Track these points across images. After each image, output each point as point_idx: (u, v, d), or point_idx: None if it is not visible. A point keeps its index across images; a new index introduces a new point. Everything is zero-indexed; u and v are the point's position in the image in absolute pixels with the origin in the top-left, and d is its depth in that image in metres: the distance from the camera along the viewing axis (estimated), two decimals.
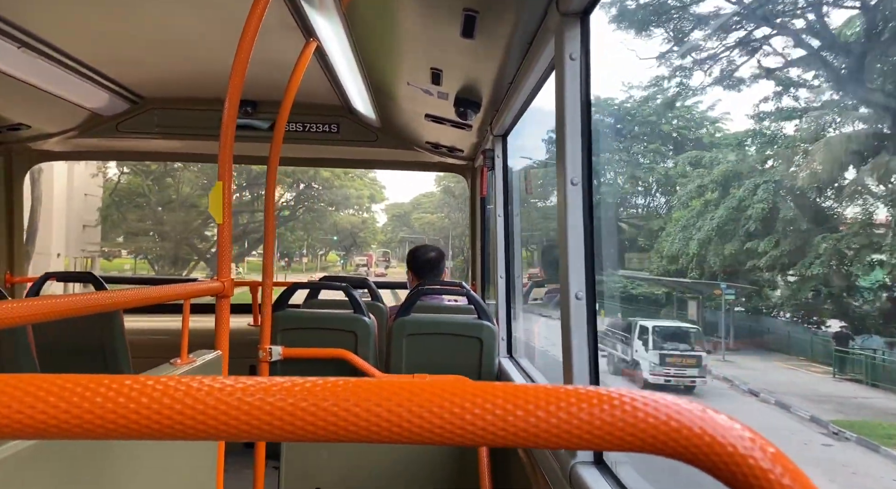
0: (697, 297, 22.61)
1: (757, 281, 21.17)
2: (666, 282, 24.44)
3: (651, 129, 29.27)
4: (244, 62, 1.96)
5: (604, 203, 28.65)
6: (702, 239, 21.95)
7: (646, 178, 30.02)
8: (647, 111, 29.35)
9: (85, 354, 3.11)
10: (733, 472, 0.41)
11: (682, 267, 23.26)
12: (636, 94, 30.46)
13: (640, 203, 31.43)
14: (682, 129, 29.04)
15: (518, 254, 3.62)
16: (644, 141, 29.60)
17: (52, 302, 1.24)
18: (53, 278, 3.43)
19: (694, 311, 22.42)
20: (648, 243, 27.79)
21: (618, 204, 30.37)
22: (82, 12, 2.52)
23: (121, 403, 0.41)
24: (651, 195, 30.79)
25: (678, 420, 0.43)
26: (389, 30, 2.52)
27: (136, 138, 3.95)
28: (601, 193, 28.67)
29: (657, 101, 29.41)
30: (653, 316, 22.87)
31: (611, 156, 30.23)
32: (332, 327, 2.99)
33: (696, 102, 28.69)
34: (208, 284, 1.97)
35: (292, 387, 0.42)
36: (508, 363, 3.16)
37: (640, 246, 28.68)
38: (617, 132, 30.94)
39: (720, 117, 28.65)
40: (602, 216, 28.11)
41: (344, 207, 40.87)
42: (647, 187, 30.49)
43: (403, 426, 0.42)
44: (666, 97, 29.16)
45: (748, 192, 20.81)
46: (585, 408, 0.43)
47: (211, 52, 2.97)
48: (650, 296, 25.74)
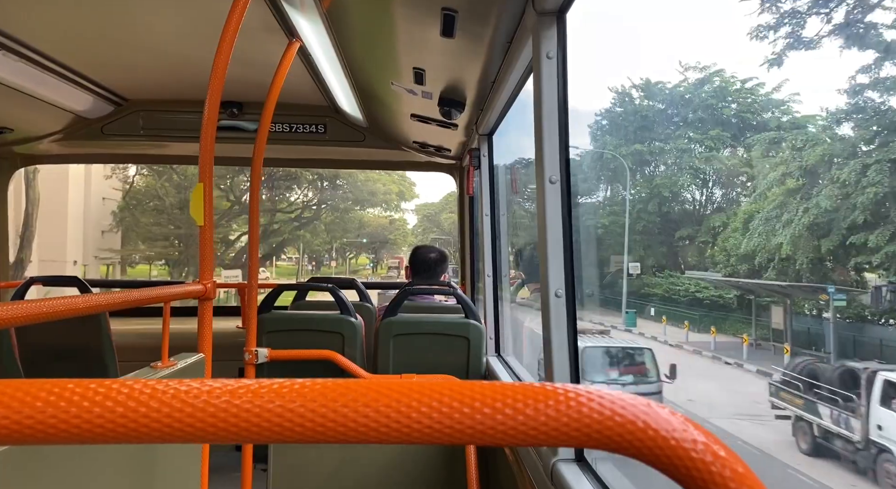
0: (783, 302, 18.51)
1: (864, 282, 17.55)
2: (743, 285, 21.13)
3: (710, 115, 26.56)
4: (225, 63, 1.95)
5: (657, 196, 27.04)
6: (792, 234, 18.31)
7: (702, 168, 27.28)
8: (704, 94, 26.83)
9: (71, 358, 3.09)
10: (679, 468, 0.42)
11: (757, 266, 20.34)
12: (692, 76, 27.73)
13: (694, 197, 28.56)
14: (746, 112, 26.00)
15: (505, 253, 3.63)
16: (701, 127, 26.87)
17: (32, 305, 1.24)
18: (38, 283, 3.41)
19: (779, 319, 18.43)
20: (707, 240, 25.45)
21: (669, 198, 27.70)
22: (62, 14, 2.51)
23: (108, 407, 0.41)
24: (709, 187, 28.09)
25: (622, 414, 0.43)
26: (371, 30, 2.52)
27: (121, 141, 3.93)
28: (654, 185, 27.23)
29: (715, 84, 26.68)
30: (722, 322, 20.80)
31: (661, 145, 27.56)
32: (319, 328, 2.98)
33: (758, 84, 25.96)
34: (190, 287, 1.96)
35: (280, 388, 0.42)
36: (496, 361, 3.17)
37: (699, 244, 26.21)
38: (667, 119, 28.44)
39: (788, 99, 25.48)
40: (653, 210, 26.90)
41: (370, 205, 38.22)
42: (703, 179, 27.74)
43: (391, 426, 0.42)
44: (726, 79, 26.25)
45: (854, 175, 16.85)
46: (531, 404, 0.44)
47: (195, 54, 2.96)
48: (717, 300, 23.10)
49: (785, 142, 21.81)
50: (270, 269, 38.26)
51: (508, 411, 0.43)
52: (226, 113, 3.80)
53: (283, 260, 41.62)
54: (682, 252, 27.57)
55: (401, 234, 43.08)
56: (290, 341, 2.91)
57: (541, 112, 1.62)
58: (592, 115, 29.94)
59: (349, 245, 42.03)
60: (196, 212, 1.96)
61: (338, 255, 43.68)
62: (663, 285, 25.32)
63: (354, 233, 39.88)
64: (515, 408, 0.43)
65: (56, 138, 3.89)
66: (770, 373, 14.61)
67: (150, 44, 2.87)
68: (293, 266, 42.20)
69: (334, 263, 43.53)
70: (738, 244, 21.90)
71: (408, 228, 45.15)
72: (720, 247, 23.83)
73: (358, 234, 40.33)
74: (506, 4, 1.80)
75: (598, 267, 26.93)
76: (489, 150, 3.46)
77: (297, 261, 41.99)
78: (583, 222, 27.28)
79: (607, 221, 28.03)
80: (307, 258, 41.31)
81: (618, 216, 27.84)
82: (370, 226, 41.33)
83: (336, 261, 43.78)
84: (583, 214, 28.01)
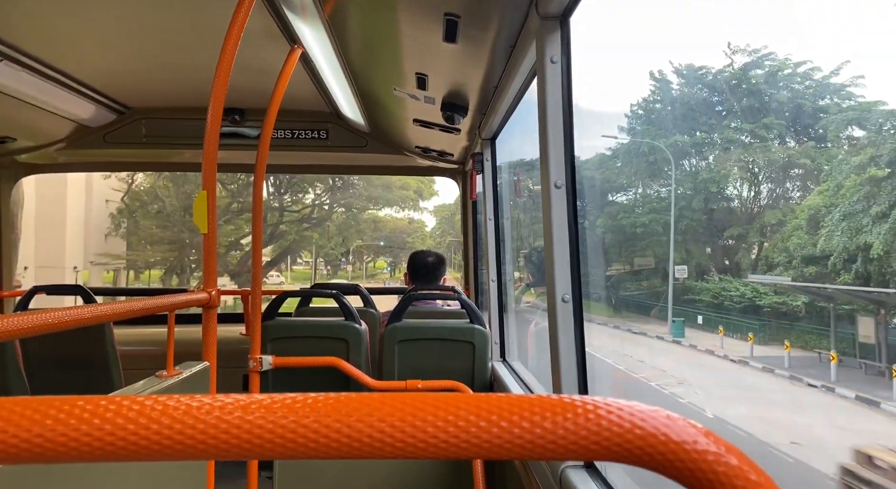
0: (876, 312, 14.93)
1: None
2: (819, 291, 17.71)
3: (761, 101, 23.46)
4: (227, 70, 1.95)
5: (702, 192, 24.20)
6: (886, 231, 15.17)
7: (754, 159, 23.98)
8: (755, 79, 23.76)
9: (75, 367, 3.09)
10: (701, 481, 0.41)
11: (830, 269, 17.10)
12: (739, 60, 24.29)
13: (744, 193, 25.13)
14: (803, 98, 22.86)
15: (509, 257, 3.62)
16: (751, 115, 23.63)
17: (37, 316, 1.23)
18: (42, 292, 3.41)
19: (870, 331, 14.88)
20: (759, 240, 22.97)
21: (715, 194, 24.73)
22: (64, 23, 2.51)
23: (119, 424, 0.40)
24: (762, 180, 24.60)
25: (641, 427, 0.42)
26: (373, 35, 2.52)
27: (124, 149, 3.93)
28: (700, 180, 24.52)
29: (767, 68, 23.55)
30: (787, 334, 17.69)
31: (704, 136, 24.73)
32: (324, 335, 2.97)
33: (813, 69, 22.63)
34: (194, 295, 1.96)
35: (293, 403, 0.42)
36: (501, 367, 3.16)
37: (752, 244, 23.50)
38: (710, 108, 25.29)
39: (850, 83, 22.05)
40: (698, 207, 24.11)
41: (385, 203, 34.77)
42: (755, 171, 24.36)
43: (407, 441, 0.41)
44: (780, 62, 23.01)
45: None
46: (549, 417, 0.43)
47: (197, 61, 2.96)
48: (780, 308, 19.73)
49: (869, 122, 18.55)
50: (286, 274, 37.29)
51: (525, 424, 0.43)
52: (228, 120, 3.80)
53: (299, 264, 40.60)
54: (732, 253, 24.38)
55: (419, 236, 40.69)
56: (295, 348, 2.90)
57: (545, 116, 1.61)
58: (627, 104, 27.74)
59: (366, 248, 40.07)
60: (199, 220, 1.96)
61: (355, 259, 41.79)
62: (711, 290, 22.50)
63: (370, 235, 37.95)
64: (532, 422, 0.43)
65: (59, 147, 3.89)
66: (876, 402, 11.90)
67: (153, 52, 2.87)
68: (310, 270, 40.83)
69: (350, 267, 41.57)
70: (804, 243, 18.81)
71: (426, 231, 42.94)
72: (779, 248, 20.92)
73: (374, 236, 38.35)
74: (509, 9, 1.80)
75: (637, 270, 25.44)
76: (492, 155, 3.46)
77: (313, 265, 40.72)
78: (618, 221, 26.08)
79: (647, 220, 25.09)
80: (323, 262, 40.10)
81: (658, 214, 25.06)
82: (387, 228, 39.48)
83: (353, 266, 41.88)
84: (618, 212, 26.47)
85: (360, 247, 39.04)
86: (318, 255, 38.19)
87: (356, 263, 42.22)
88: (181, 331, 2.77)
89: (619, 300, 25.85)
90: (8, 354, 2.57)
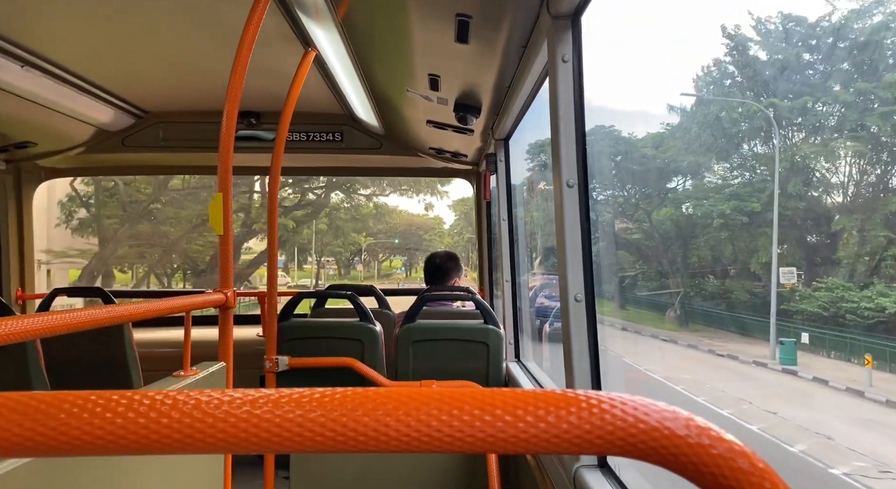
0: None
1: None
2: None
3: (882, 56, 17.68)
4: (242, 73, 1.97)
5: (802, 172, 18.61)
6: None
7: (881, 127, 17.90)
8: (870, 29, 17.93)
9: (95, 367, 3.13)
10: (706, 475, 0.41)
11: None
12: (845, 6, 18.75)
13: (863, 172, 18.81)
14: None
15: (523, 258, 3.61)
16: (868, 73, 17.79)
17: (58, 317, 1.26)
18: (63, 294, 3.46)
19: None
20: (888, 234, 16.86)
21: (819, 176, 19.09)
22: (84, 29, 2.55)
23: (130, 418, 0.41)
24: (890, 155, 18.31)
25: (645, 421, 0.42)
26: (385, 37, 2.53)
27: (142, 152, 3.99)
28: (801, 155, 18.70)
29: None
30: None
31: (791, 104, 18.61)
32: (339, 336, 2.99)
33: None
34: (211, 296, 1.98)
35: (300, 398, 0.43)
36: (516, 367, 3.15)
37: (875, 247, 17.35)
38: (808, 66, 19.54)
39: None
40: (795, 192, 18.34)
41: (393, 187, 29.85)
42: (881, 144, 18.13)
43: (412, 435, 0.42)
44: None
45: None
46: (553, 411, 0.43)
47: (213, 65, 2.99)
48: None
49: None
50: (292, 274, 34.48)
51: (530, 419, 0.43)
52: (244, 123, 3.84)
53: (310, 263, 37.03)
54: (850, 251, 17.85)
55: (437, 233, 37.04)
56: (310, 349, 2.92)
57: (557, 116, 1.61)
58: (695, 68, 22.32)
59: (379, 247, 36.52)
60: (215, 221, 1.98)
61: (369, 258, 38.06)
62: (820, 299, 16.33)
63: (383, 232, 34.41)
64: (537, 416, 0.43)
65: (79, 151, 3.96)
66: None
67: (170, 56, 2.91)
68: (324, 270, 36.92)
69: (361, 267, 37.52)
70: None
71: (444, 228, 39.11)
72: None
73: (383, 231, 34.79)
74: (520, 9, 1.80)
75: (715, 271, 20.51)
76: (506, 155, 3.45)
77: (321, 265, 36.36)
78: (687, 210, 21.15)
79: (727, 208, 19.57)
80: (334, 262, 36.48)
81: (743, 200, 19.67)
82: (401, 224, 35.93)
83: (365, 265, 37.76)
84: (687, 198, 21.60)
85: (372, 245, 35.82)
86: (324, 254, 34.81)
87: (371, 262, 38.82)
88: (200, 333, 2.81)
89: (687, 309, 20.14)
90: (30, 355, 2.62)
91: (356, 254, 36.64)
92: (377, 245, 37.04)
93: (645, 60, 34.37)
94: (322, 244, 33.29)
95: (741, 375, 13.48)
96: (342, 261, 36.90)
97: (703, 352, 15.77)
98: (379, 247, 37.53)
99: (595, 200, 13.88)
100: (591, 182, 1.66)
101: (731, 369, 14.07)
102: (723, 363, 14.61)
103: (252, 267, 27.38)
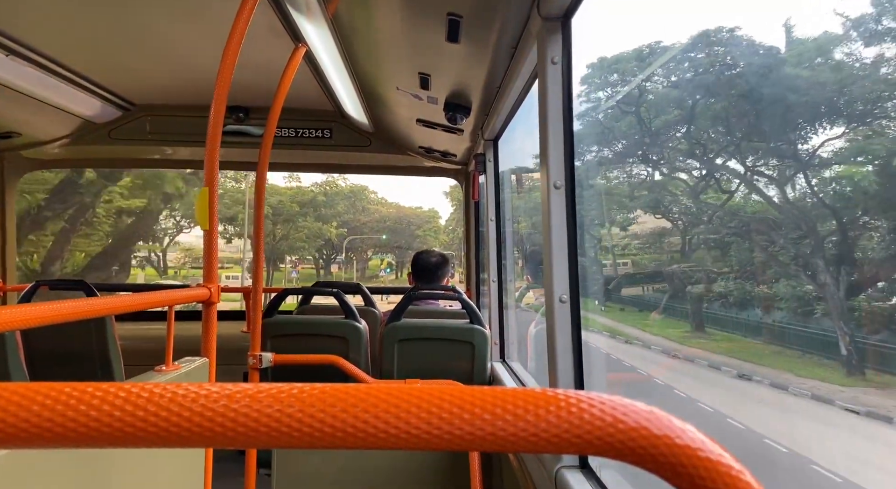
0: None
1: None
2: None
3: None
4: (231, 67, 1.96)
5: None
6: None
7: None
8: None
9: (77, 362, 3.10)
10: (683, 475, 0.41)
11: None
12: None
13: None
14: None
15: (510, 258, 3.62)
16: None
17: (38, 308, 1.24)
18: (45, 286, 3.42)
19: None
20: None
21: None
22: (71, 19, 2.53)
23: (104, 411, 0.41)
24: None
25: (624, 421, 0.43)
26: (376, 35, 2.53)
27: (128, 145, 3.95)
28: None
29: None
30: None
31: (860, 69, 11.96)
32: (324, 333, 2.98)
33: None
34: (194, 291, 1.97)
35: (278, 393, 0.42)
36: (501, 367, 3.16)
37: None
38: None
39: None
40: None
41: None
42: None
43: (390, 432, 0.42)
44: None
45: None
46: (532, 410, 0.43)
47: (202, 59, 2.97)
48: None
49: None
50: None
51: (509, 417, 0.43)
52: (232, 117, 3.81)
53: (288, 262, 33.44)
54: None
55: (431, 229, 32.12)
56: (295, 346, 2.91)
57: (545, 117, 1.62)
58: None
59: (364, 242, 30.82)
60: (201, 216, 1.97)
61: (353, 256, 32.69)
62: None
63: (370, 226, 28.83)
64: (516, 415, 0.43)
65: (64, 142, 3.91)
66: None
67: (158, 49, 2.89)
68: (310, 270, 31.83)
69: (337, 268, 32.30)
70: None
71: (440, 224, 34.38)
72: None
73: (372, 225, 29.41)
74: (511, 10, 1.80)
75: (833, 270, 11.43)
76: (495, 156, 3.46)
77: (294, 264, 31.52)
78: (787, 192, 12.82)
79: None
80: (320, 260, 31.44)
81: None
82: (390, 217, 30.54)
83: (342, 266, 32.31)
84: (784, 170, 13.21)
85: (356, 241, 30.81)
86: (281, 250, 29.76)
87: (355, 261, 33.56)
88: (185, 328, 2.79)
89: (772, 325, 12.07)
90: (9, 347, 2.59)
91: (322, 249, 32.07)
92: (361, 240, 32.07)
93: None
94: (275, 240, 27.35)
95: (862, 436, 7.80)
96: (321, 261, 32.44)
97: (807, 400, 9.16)
98: (363, 243, 32.67)
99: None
100: None
101: (830, 422, 8.35)
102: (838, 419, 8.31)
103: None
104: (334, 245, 31.18)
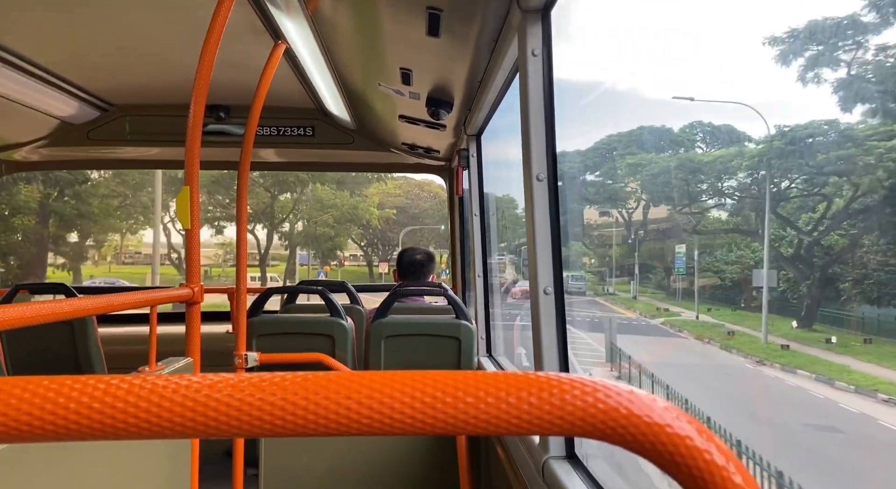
0: None
1: None
2: None
3: None
4: (209, 65, 1.94)
5: None
6: None
7: None
8: None
9: (58, 363, 3.07)
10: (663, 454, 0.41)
11: None
12: None
13: None
14: None
15: (495, 253, 3.63)
16: None
17: (18, 309, 1.22)
18: (25, 290, 3.38)
19: None
20: None
21: None
22: (46, 18, 2.49)
23: (83, 403, 0.40)
24: None
25: (605, 402, 0.43)
26: (357, 30, 2.51)
27: (108, 146, 3.90)
28: None
29: None
30: None
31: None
32: (309, 331, 2.97)
33: None
34: (177, 291, 1.95)
35: (260, 382, 0.42)
36: (487, 362, 3.17)
37: None
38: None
39: None
40: None
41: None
42: None
43: (373, 417, 0.42)
44: None
45: None
46: (514, 393, 0.43)
47: (180, 58, 2.94)
48: None
49: None
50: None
51: (491, 400, 0.43)
52: (213, 117, 3.78)
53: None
54: None
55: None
56: (280, 345, 2.90)
57: (527, 109, 1.62)
58: None
59: (423, 235, 24.09)
60: (182, 216, 1.95)
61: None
62: None
63: (427, 213, 22.08)
64: (498, 397, 0.43)
65: (42, 144, 3.85)
66: None
67: (136, 47, 2.85)
68: (354, 267, 26.22)
69: (386, 267, 25.01)
70: None
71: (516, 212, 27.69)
72: None
73: (431, 214, 22.49)
74: (491, 3, 1.80)
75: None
76: (478, 151, 3.46)
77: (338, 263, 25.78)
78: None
79: None
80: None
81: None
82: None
83: (390, 263, 24.01)
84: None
85: (413, 232, 23.05)
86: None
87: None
88: (169, 329, 2.76)
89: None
90: None
91: (388, 245, 26.34)
92: (421, 233, 25.55)
93: None
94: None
95: None
96: (376, 256, 26.02)
97: None
98: (423, 236, 26.48)
99: None
100: None
101: None
102: None
103: None
104: (383, 236, 24.64)
